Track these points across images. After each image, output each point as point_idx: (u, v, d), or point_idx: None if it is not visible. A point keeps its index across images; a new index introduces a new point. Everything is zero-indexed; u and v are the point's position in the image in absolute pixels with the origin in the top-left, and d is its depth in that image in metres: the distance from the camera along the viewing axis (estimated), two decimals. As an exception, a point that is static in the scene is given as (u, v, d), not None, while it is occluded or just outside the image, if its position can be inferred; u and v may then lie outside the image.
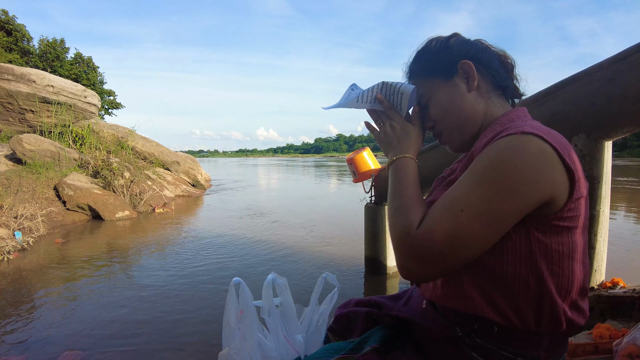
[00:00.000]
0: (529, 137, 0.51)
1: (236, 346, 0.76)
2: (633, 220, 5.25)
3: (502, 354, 0.56)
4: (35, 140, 6.60)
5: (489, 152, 0.53)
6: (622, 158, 33.76)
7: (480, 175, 0.52)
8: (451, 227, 0.50)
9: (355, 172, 3.23)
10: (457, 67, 0.66)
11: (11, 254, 3.53)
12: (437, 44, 0.69)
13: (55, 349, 1.90)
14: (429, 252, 0.51)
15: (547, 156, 0.50)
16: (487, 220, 0.50)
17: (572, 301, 0.55)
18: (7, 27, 17.86)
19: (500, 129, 0.60)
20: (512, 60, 0.71)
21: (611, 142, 1.37)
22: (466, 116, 0.66)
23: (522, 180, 0.49)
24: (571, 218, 0.53)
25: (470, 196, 0.51)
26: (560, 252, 0.53)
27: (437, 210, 0.53)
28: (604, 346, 1.01)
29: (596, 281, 1.38)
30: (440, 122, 0.69)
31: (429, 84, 0.69)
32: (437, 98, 0.68)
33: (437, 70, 0.68)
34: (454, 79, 0.66)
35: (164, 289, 2.73)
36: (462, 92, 0.66)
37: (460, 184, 0.54)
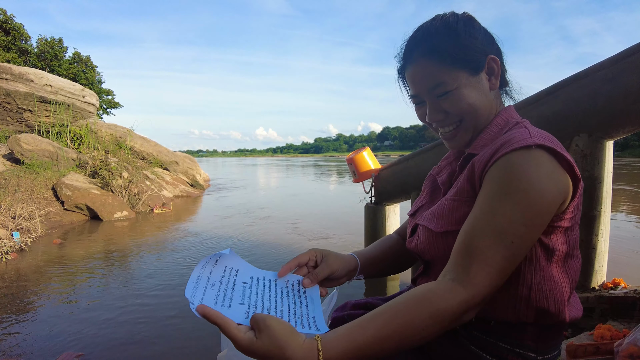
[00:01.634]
0: (540, 150, 0.51)
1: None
2: (634, 221, 5.25)
3: (500, 345, 0.57)
4: (33, 140, 6.58)
5: (511, 171, 0.51)
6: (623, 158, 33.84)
7: (518, 200, 0.49)
8: (505, 260, 0.50)
9: (355, 172, 3.23)
10: (485, 61, 0.62)
11: (9, 255, 3.51)
12: (467, 26, 0.62)
13: (54, 349, 1.89)
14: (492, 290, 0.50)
15: (557, 166, 0.52)
16: (529, 242, 0.51)
17: (569, 295, 0.57)
18: (5, 26, 17.82)
19: (500, 136, 0.60)
20: (500, 46, 0.68)
21: (612, 141, 1.36)
22: (484, 115, 0.64)
23: (551, 197, 0.50)
24: (571, 218, 0.55)
25: (516, 224, 0.49)
26: (559, 250, 0.55)
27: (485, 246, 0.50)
28: (605, 347, 1.00)
29: (597, 282, 1.37)
30: (456, 117, 0.64)
31: (451, 74, 0.61)
32: (463, 93, 0.61)
33: (467, 61, 0.61)
34: (480, 75, 0.62)
35: (163, 290, 2.72)
36: (485, 89, 0.63)
37: (495, 209, 0.50)
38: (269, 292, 0.61)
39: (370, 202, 2.86)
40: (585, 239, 1.35)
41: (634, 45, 1.23)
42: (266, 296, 0.60)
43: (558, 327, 0.59)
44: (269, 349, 0.45)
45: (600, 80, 1.29)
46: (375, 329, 0.47)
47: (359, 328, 0.47)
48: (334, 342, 0.46)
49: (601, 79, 1.29)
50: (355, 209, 6.24)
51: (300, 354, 0.44)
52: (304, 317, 0.56)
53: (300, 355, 0.44)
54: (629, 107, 1.23)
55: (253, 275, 0.64)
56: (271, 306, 0.57)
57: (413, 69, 0.64)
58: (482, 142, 0.63)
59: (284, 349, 0.44)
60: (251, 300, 0.57)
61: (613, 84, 1.26)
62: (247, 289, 0.60)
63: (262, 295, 0.60)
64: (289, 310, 0.57)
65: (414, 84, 0.65)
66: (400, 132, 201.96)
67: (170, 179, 8.99)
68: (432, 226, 0.62)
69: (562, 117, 1.39)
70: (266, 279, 0.65)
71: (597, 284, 1.37)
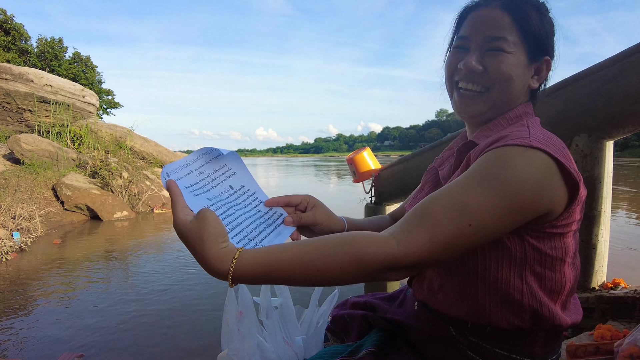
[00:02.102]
0: (536, 152, 0.49)
1: (235, 347, 0.74)
2: (634, 221, 5.25)
3: (497, 351, 0.56)
4: (33, 140, 6.58)
5: (500, 160, 0.49)
6: (623, 158, 33.85)
7: (495, 188, 0.47)
8: (453, 236, 0.46)
9: (355, 172, 3.23)
10: (543, 59, 0.61)
11: (9, 255, 3.51)
12: (549, 19, 0.61)
13: (54, 349, 1.89)
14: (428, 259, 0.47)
15: (553, 172, 0.49)
16: (489, 234, 0.48)
17: (563, 301, 0.56)
18: (5, 26, 17.82)
19: (504, 130, 0.58)
20: None
21: (612, 141, 1.36)
22: (511, 99, 0.61)
23: (530, 198, 0.47)
24: (565, 225, 0.53)
25: (482, 209, 0.47)
26: (553, 257, 0.53)
27: (439, 212, 0.47)
28: (605, 347, 1.00)
29: (597, 282, 1.37)
30: (489, 80, 0.60)
31: (519, 41, 0.59)
32: (514, 62, 0.58)
33: (536, 44, 0.59)
34: (531, 65, 0.61)
35: (163, 290, 2.72)
36: (526, 79, 0.61)
37: (469, 186, 0.48)
38: (243, 205, 0.59)
39: (370, 202, 2.86)
40: (585, 239, 1.35)
41: (634, 45, 1.23)
42: (237, 207, 0.58)
43: (555, 332, 0.58)
44: (193, 237, 0.46)
45: (600, 80, 1.29)
46: (295, 252, 0.46)
47: (281, 247, 0.47)
48: (252, 253, 0.46)
49: (601, 79, 1.28)
50: (356, 209, 6.24)
51: (215, 253, 0.45)
52: (255, 240, 0.54)
53: (214, 254, 0.45)
54: (629, 108, 1.23)
55: (245, 185, 0.62)
56: (232, 215, 0.55)
57: (484, 13, 0.60)
58: (486, 132, 0.61)
59: (204, 243, 0.46)
60: (219, 203, 0.56)
61: (613, 84, 1.25)
62: (227, 193, 0.59)
63: (234, 204, 0.58)
64: (246, 228, 0.55)
65: (474, 26, 0.61)
66: (400, 132, 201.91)
67: (170, 179, 8.99)
68: None
69: (562, 117, 1.39)
70: (253, 195, 0.62)
71: (597, 284, 1.37)
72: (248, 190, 0.62)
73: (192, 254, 0.47)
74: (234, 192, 0.60)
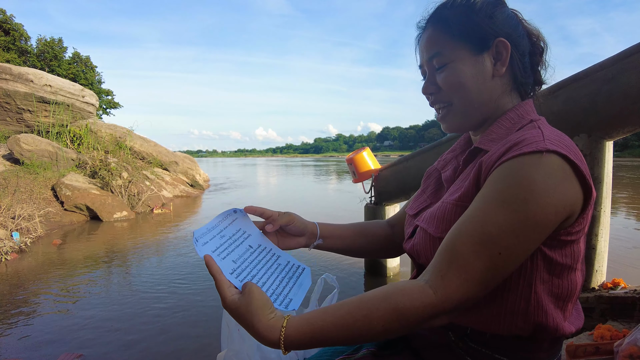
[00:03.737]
0: (552, 156, 0.47)
1: (235, 347, 0.74)
2: (634, 221, 5.26)
3: (496, 357, 0.55)
4: (32, 140, 6.58)
5: (515, 177, 0.47)
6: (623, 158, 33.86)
7: (515, 209, 0.46)
8: (488, 270, 0.46)
9: (355, 172, 3.23)
10: (492, 43, 0.58)
11: (9, 255, 3.51)
12: (482, 5, 0.58)
13: (53, 349, 1.89)
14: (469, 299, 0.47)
15: (569, 176, 0.47)
16: (521, 255, 0.47)
17: (565, 308, 0.55)
18: (4, 27, 17.81)
19: (512, 133, 0.56)
20: (543, 44, 0.63)
21: (612, 142, 1.36)
22: (479, 101, 0.59)
23: (553, 210, 0.46)
24: (578, 231, 0.51)
25: (506, 234, 0.46)
26: (563, 264, 0.52)
27: (467, 252, 0.47)
28: (605, 347, 1.00)
29: (597, 282, 1.37)
30: (447, 95, 0.61)
31: (452, 45, 0.58)
32: (458, 68, 0.58)
33: (471, 36, 0.58)
34: (482, 56, 0.58)
35: (163, 290, 2.72)
36: (485, 73, 0.58)
37: (488, 215, 0.47)
38: (265, 262, 0.65)
39: (370, 202, 2.86)
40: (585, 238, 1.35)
41: (634, 45, 1.23)
42: (260, 265, 0.64)
43: (556, 339, 0.56)
44: (243, 313, 0.50)
45: (600, 80, 1.29)
46: (336, 316, 0.48)
47: (322, 313, 0.49)
48: (297, 321, 0.49)
49: (601, 79, 1.29)
50: (356, 208, 6.24)
51: (265, 324, 0.49)
52: (282, 295, 0.59)
53: (265, 325, 0.49)
54: (629, 108, 1.23)
55: (261, 244, 0.69)
56: (257, 275, 0.61)
57: (422, 38, 0.63)
58: (491, 136, 0.58)
59: (254, 316, 0.49)
60: (244, 263, 0.62)
61: (613, 84, 1.26)
62: (248, 252, 0.65)
63: (257, 263, 0.64)
64: (272, 285, 0.60)
65: (421, 53, 0.64)
66: (400, 132, 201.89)
67: (170, 179, 8.99)
68: (430, 229, 0.59)
69: (561, 117, 1.40)
70: (271, 252, 0.69)
71: (597, 284, 1.37)
72: (265, 247, 0.69)
73: (244, 327, 0.51)
74: (254, 251, 0.66)
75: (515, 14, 0.61)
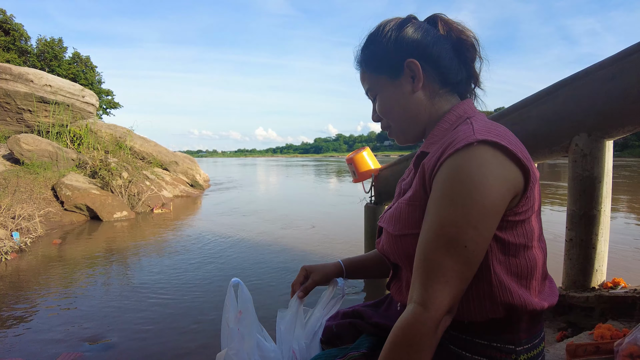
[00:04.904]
0: (482, 146, 0.51)
1: (235, 347, 0.74)
2: (634, 220, 5.26)
3: (477, 342, 0.57)
4: (33, 140, 6.58)
5: (454, 174, 0.51)
6: (623, 158, 33.84)
7: (462, 203, 0.50)
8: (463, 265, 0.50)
9: (355, 172, 3.23)
10: (404, 65, 0.64)
11: (9, 255, 3.51)
12: (388, 35, 0.65)
13: (53, 349, 1.89)
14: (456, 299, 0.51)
15: (504, 160, 0.51)
16: (484, 242, 0.51)
17: (533, 286, 0.57)
18: (4, 27, 17.81)
19: (449, 133, 0.59)
20: (472, 39, 0.66)
21: (612, 141, 1.36)
22: (409, 117, 0.67)
23: (497, 193, 0.50)
24: (525, 211, 0.54)
25: (464, 228, 0.50)
26: (517, 244, 0.55)
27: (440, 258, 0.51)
28: (605, 346, 1.00)
29: (597, 281, 1.37)
30: (385, 120, 0.70)
31: (375, 79, 0.68)
32: (382, 96, 0.68)
33: (384, 67, 0.66)
34: (400, 79, 0.65)
35: (162, 290, 2.72)
36: (406, 92, 0.65)
37: (444, 217, 0.51)
38: None
39: (370, 202, 2.86)
40: (585, 238, 1.35)
41: (634, 44, 1.23)
42: None
43: (533, 317, 0.58)
44: None
45: (600, 79, 1.29)
46: None
47: None
48: None
49: (601, 79, 1.28)
50: (356, 208, 6.24)
51: None
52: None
53: None
54: (629, 107, 1.22)
55: None
56: None
57: (359, 75, 0.73)
58: (432, 139, 0.63)
59: None
60: None
61: (613, 84, 1.25)
62: None
63: None
64: None
65: None
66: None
67: (170, 179, 8.99)
68: (390, 229, 0.64)
69: (561, 116, 1.39)
70: None
71: (597, 284, 1.37)
72: None
73: None
74: None
75: (425, 24, 0.67)
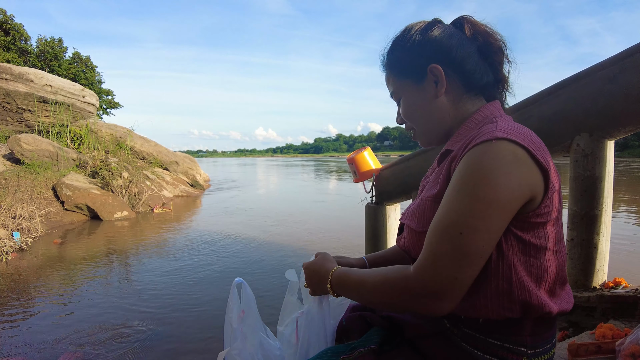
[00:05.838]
0: (502, 142, 0.51)
1: (237, 346, 0.75)
2: (635, 220, 5.26)
3: (490, 341, 0.58)
4: (33, 140, 6.58)
5: (468, 165, 0.53)
6: (623, 158, 33.83)
7: (469, 193, 0.51)
8: (454, 250, 0.51)
9: (355, 172, 3.23)
10: (427, 70, 0.65)
11: (9, 255, 3.51)
12: (412, 39, 0.67)
13: (54, 349, 1.89)
14: (444, 281, 0.51)
15: (521, 159, 0.51)
16: (485, 234, 0.51)
17: (550, 289, 0.58)
18: (4, 27, 17.81)
19: (474, 131, 0.60)
20: (500, 42, 0.67)
21: (613, 141, 1.36)
22: (433, 121, 0.68)
23: (506, 189, 0.50)
24: (547, 213, 0.55)
25: (464, 216, 0.51)
26: (537, 245, 0.55)
27: (434, 239, 0.53)
28: (607, 346, 1.00)
29: (598, 281, 1.37)
30: (409, 122, 0.72)
31: (399, 83, 0.70)
32: (406, 100, 0.70)
33: (408, 72, 0.68)
34: (423, 84, 0.67)
35: (163, 289, 2.72)
36: (430, 97, 0.67)
37: (449, 203, 0.53)
38: None
39: (371, 202, 2.86)
40: (587, 238, 1.35)
41: (635, 44, 1.23)
42: None
43: (547, 321, 0.59)
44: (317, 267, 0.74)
45: (601, 79, 1.29)
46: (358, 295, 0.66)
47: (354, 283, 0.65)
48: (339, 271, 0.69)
49: (602, 79, 1.28)
50: (356, 208, 6.24)
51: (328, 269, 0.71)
52: None
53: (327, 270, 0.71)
54: (630, 107, 1.23)
55: None
56: None
57: (385, 77, 0.75)
58: (457, 137, 0.65)
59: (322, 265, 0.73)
60: None
61: (614, 84, 1.25)
62: None
63: None
64: None
65: None
66: (400, 132, 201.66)
67: (171, 179, 8.99)
68: (413, 225, 0.64)
69: (563, 116, 1.39)
70: None
71: (599, 283, 1.37)
72: None
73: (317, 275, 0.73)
74: None
75: (451, 27, 0.68)
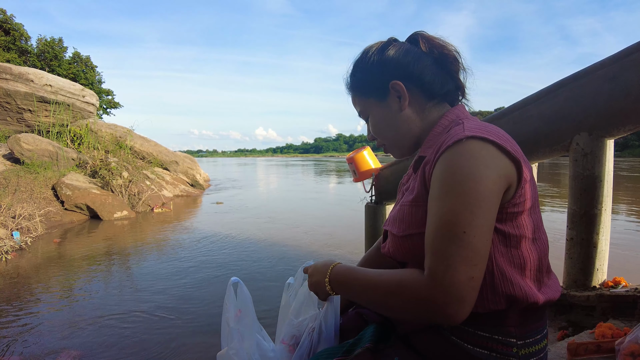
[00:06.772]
0: (472, 140, 0.54)
1: (235, 346, 0.74)
2: (635, 219, 5.25)
3: (479, 334, 0.58)
4: (33, 139, 6.57)
5: (447, 167, 0.54)
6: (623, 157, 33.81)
7: (457, 192, 0.52)
8: (464, 249, 0.51)
9: (355, 172, 3.22)
10: (389, 87, 0.68)
11: (9, 254, 3.51)
12: (371, 60, 0.70)
13: (54, 348, 1.89)
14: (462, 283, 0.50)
15: (493, 153, 0.54)
16: (484, 227, 0.52)
17: (536, 277, 0.59)
18: (5, 26, 17.82)
19: (443, 135, 0.63)
20: (454, 52, 0.70)
21: (613, 140, 1.36)
22: (402, 133, 0.71)
23: (489, 180, 0.52)
24: (521, 203, 0.56)
25: (461, 214, 0.51)
26: (516, 235, 0.57)
27: (440, 244, 0.52)
28: (606, 345, 1.00)
29: (598, 280, 1.37)
30: (379, 137, 0.75)
31: (364, 102, 0.73)
32: (373, 117, 0.73)
33: (371, 91, 0.71)
34: (387, 100, 0.70)
35: (162, 289, 2.72)
36: (395, 111, 0.70)
37: (441, 207, 0.53)
38: None
39: (371, 201, 2.85)
40: (586, 237, 1.34)
41: (634, 43, 1.23)
42: None
43: (534, 311, 0.59)
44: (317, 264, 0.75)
45: (600, 78, 1.29)
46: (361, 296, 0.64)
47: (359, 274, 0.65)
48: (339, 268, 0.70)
49: (602, 78, 1.28)
50: (356, 208, 6.24)
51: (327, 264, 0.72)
52: None
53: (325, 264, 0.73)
54: (630, 106, 1.22)
55: None
56: None
57: (351, 98, 0.78)
58: (427, 144, 0.67)
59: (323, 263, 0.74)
60: None
61: (614, 83, 1.25)
62: None
63: None
64: None
65: None
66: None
67: (170, 179, 8.99)
68: (395, 230, 0.66)
69: (562, 115, 1.39)
70: None
71: (598, 283, 1.37)
72: None
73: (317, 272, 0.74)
74: None
75: (407, 44, 0.71)
